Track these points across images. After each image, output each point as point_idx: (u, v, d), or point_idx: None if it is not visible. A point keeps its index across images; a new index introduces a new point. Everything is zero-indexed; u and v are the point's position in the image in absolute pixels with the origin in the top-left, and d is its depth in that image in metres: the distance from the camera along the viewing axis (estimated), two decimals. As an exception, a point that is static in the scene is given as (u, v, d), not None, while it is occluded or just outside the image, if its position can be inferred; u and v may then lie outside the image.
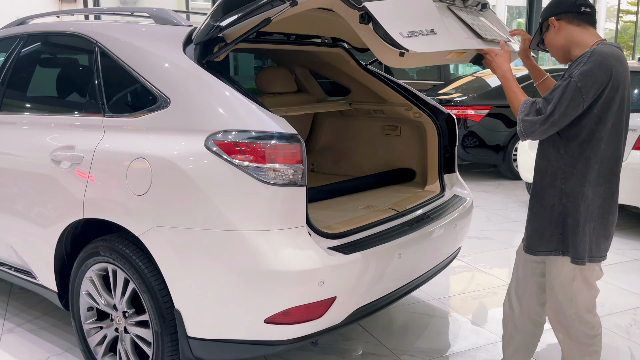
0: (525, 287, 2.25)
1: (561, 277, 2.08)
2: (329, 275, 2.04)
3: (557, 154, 2.03)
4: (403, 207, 2.66)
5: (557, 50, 2.08)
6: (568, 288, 2.07)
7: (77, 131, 2.49)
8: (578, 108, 1.91)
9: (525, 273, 2.25)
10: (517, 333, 2.32)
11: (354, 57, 3.20)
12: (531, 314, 2.27)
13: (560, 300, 2.09)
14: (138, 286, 2.22)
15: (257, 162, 1.99)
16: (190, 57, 2.25)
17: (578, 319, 2.09)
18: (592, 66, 1.88)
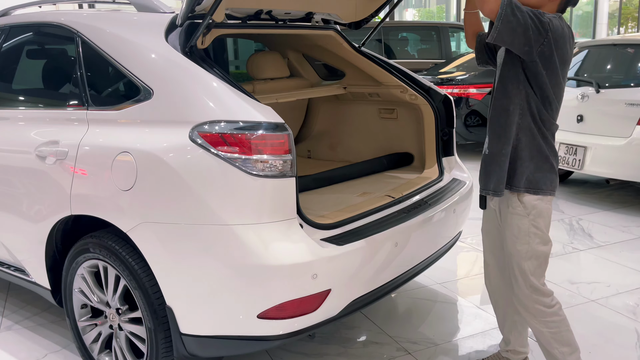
0: (501, 262, 2.27)
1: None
2: (323, 268, 1.98)
3: None
4: (400, 193, 2.59)
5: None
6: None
7: (61, 125, 2.42)
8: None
9: (497, 246, 2.28)
10: (509, 308, 2.33)
11: (346, 39, 3.10)
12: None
13: (513, 266, 2.11)
14: (129, 283, 2.17)
15: (244, 153, 1.92)
16: (172, 45, 2.17)
17: (531, 287, 2.09)
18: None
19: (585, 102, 4.89)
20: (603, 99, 4.80)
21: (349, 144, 3.44)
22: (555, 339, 2.14)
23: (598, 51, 5.31)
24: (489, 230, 2.32)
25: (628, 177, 4.68)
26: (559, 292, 3.25)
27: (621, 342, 2.73)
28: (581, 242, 4.08)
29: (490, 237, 2.33)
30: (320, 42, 3.17)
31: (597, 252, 3.90)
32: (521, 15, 1.85)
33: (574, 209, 4.89)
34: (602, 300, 3.16)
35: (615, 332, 2.81)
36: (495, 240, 2.29)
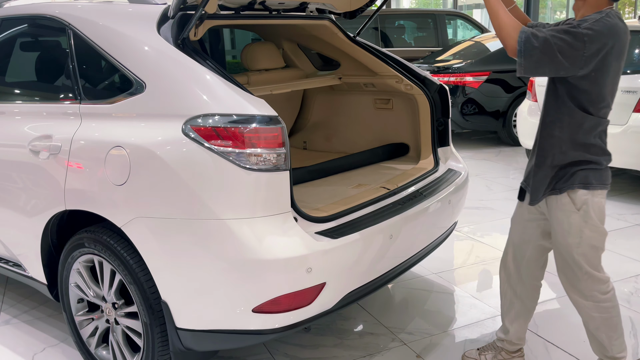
0: (523, 253, 2.27)
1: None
2: (317, 261, 1.98)
3: None
4: (395, 184, 2.58)
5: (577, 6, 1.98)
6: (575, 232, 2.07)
7: (54, 119, 2.40)
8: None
9: (524, 238, 2.26)
10: (516, 299, 2.35)
11: (341, 29, 3.08)
12: (531, 279, 2.31)
13: (567, 259, 2.10)
14: (124, 277, 2.18)
15: (237, 147, 1.91)
16: (164, 37, 2.15)
17: (587, 274, 2.10)
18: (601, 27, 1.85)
19: (582, 89, 4.87)
20: (599, 87, 4.78)
21: (345, 134, 3.43)
22: (606, 324, 2.16)
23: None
24: (517, 222, 2.30)
25: (624, 164, 4.69)
26: (553, 282, 3.27)
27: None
28: (577, 231, 4.08)
29: (516, 228, 2.30)
30: (315, 32, 3.14)
31: (593, 240, 3.90)
32: (543, 45, 1.82)
33: (570, 197, 4.89)
34: (597, 288, 3.17)
35: (609, 321, 2.83)
36: (520, 232, 2.28)
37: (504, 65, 6.81)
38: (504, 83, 6.77)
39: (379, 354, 2.59)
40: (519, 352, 2.46)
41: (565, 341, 2.66)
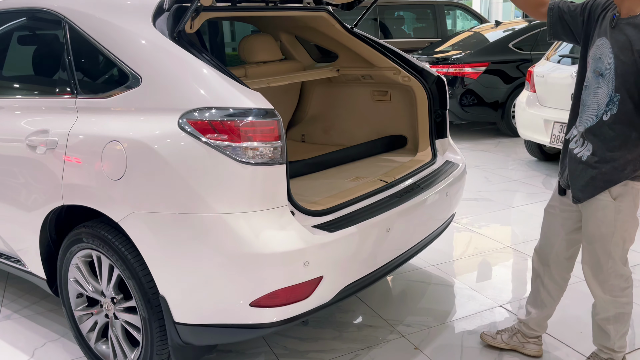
0: (552, 245, 2.29)
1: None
2: (314, 255, 1.99)
3: None
4: (392, 177, 2.58)
5: None
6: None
7: (51, 114, 2.40)
8: None
9: (554, 230, 2.27)
10: (542, 288, 2.37)
11: (339, 21, 3.06)
12: (559, 270, 2.33)
13: (599, 253, 2.10)
14: (122, 272, 2.18)
15: (233, 141, 1.91)
16: (160, 30, 2.13)
17: (614, 273, 2.10)
18: None
19: (581, 80, 4.85)
20: (599, 77, 4.76)
21: (343, 127, 3.42)
22: (617, 318, 2.17)
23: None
24: (551, 213, 2.30)
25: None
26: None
27: (614, 321, 2.75)
28: (576, 221, 4.09)
29: (547, 221, 2.32)
30: (313, 23, 3.13)
31: (592, 231, 3.90)
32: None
33: (569, 187, 4.89)
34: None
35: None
36: (553, 221, 2.28)
37: (503, 55, 6.79)
38: (503, 74, 6.75)
39: (377, 347, 2.60)
40: (536, 339, 2.47)
41: (562, 332, 2.66)
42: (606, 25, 1.95)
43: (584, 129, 2.03)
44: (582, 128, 2.03)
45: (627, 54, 1.87)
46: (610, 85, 1.92)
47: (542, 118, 5.16)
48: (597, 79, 1.97)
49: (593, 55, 1.99)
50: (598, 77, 1.96)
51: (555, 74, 5.19)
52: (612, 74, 1.91)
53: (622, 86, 1.90)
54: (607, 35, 1.94)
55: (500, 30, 7.33)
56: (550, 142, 5.07)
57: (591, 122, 1.99)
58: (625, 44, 1.88)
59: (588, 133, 2.01)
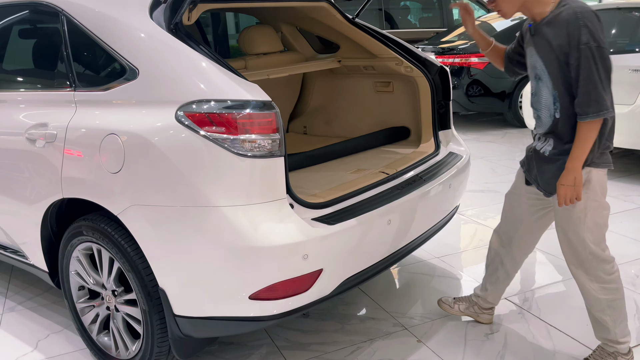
0: (516, 229, 2.38)
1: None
2: (313, 248, 1.97)
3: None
4: (394, 169, 2.55)
5: (511, 8, 2.08)
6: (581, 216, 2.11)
7: (50, 107, 2.39)
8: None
9: (518, 216, 2.36)
10: (501, 267, 2.50)
11: (340, 11, 3.03)
12: (519, 254, 2.45)
13: (574, 241, 2.14)
14: (122, 265, 2.18)
15: (231, 133, 1.89)
16: (157, 22, 2.11)
17: (595, 259, 2.13)
18: (594, 23, 1.94)
19: (589, 69, 4.78)
20: (606, 66, 4.69)
21: (345, 119, 3.39)
22: (610, 305, 2.18)
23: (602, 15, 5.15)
24: (512, 196, 2.40)
25: (631, 145, 4.62)
26: (558, 265, 3.24)
27: (619, 314, 2.72)
28: (582, 213, 4.04)
29: (510, 202, 2.41)
30: (314, 14, 3.09)
31: (598, 222, 3.85)
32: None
33: (576, 178, 4.83)
34: (601, 271, 3.14)
35: (613, 304, 2.80)
36: (515, 209, 2.37)
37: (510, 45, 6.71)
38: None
39: (379, 339, 2.59)
40: (490, 309, 2.64)
41: (568, 325, 2.64)
42: (528, 36, 2.12)
43: (543, 131, 2.14)
44: (542, 130, 2.15)
45: (549, 53, 2.01)
46: (549, 85, 2.05)
47: (549, 108, 5.09)
48: (538, 84, 2.11)
49: (530, 66, 2.14)
50: (539, 82, 2.10)
51: (563, 63, 5.12)
52: (546, 75, 2.04)
53: (555, 83, 2.02)
54: (532, 45, 2.09)
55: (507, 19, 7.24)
56: (557, 132, 5.00)
57: (548, 123, 2.10)
58: (545, 44, 2.02)
59: (548, 133, 2.12)
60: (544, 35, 2.01)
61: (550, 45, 1.98)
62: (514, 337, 2.57)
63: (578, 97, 1.94)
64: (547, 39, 2.00)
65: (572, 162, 2.00)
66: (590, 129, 1.95)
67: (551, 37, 1.98)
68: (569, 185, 2.02)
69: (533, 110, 2.18)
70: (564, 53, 1.95)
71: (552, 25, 1.99)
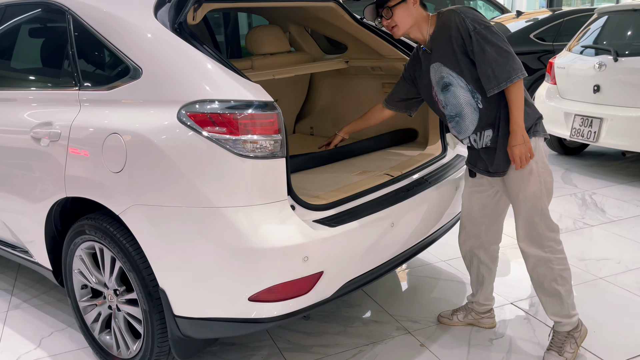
0: (482, 221, 2.45)
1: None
2: (314, 250, 1.95)
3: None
4: (399, 171, 2.52)
5: (407, 25, 2.22)
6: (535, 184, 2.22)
7: (54, 106, 2.40)
8: None
9: (479, 209, 2.44)
10: (481, 265, 2.55)
11: (348, 11, 3.00)
12: (491, 243, 2.52)
13: (531, 213, 2.24)
14: (124, 265, 2.18)
15: (232, 133, 1.88)
16: (162, 21, 2.10)
17: (547, 228, 2.24)
18: (473, 12, 2.15)
19: (603, 71, 4.71)
20: (621, 68, 4.61)
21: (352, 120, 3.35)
22: (562, 276, 2.28)
23: (618, 17, 5.09)
24: (470, 196, 2.46)
25: (642, 148, 4.53)
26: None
27: (629, 322, 2.66)
28: (593, 218, 3.98)
29: (471, 203, 2.46)
30: (321, 14, 3.07)
31: (609, 227, 3.80)
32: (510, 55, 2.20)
33: (588, 182, 4.77)
34: (610, 277, 3.08)
35: (623, 311, 2.75)
36: (475, 205, 2.44)
37: (523, 46, 6.62)
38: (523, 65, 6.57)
39: (382, 342, 2.56)
40: (489, 312, 2.64)
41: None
42: (426, 57, 2.28)
43: (473, 129, 2.24)
44: (471, 130, 2.25)
45: (452, 55, 2.17)
46: (462, 83, 2.19)
47: (562, 111, 5.02)
48: (449, 91, 2.23)
49: (435, 81, 2.28)
50: (449, 89, 2.23)
51: (578, 65, 5.05)
52: (456, 77, 2.20)
53: (467, 78, 2.17)
54: (432, 61, 2.25)
55: (522, 20, 7.14)
56: (570, 135, 4.94)
57: (474, 118, 2.22)
58: (445, 51, 2.19)
59: (479, 127, 2.23)
60: (440, 44, 2.20)
61: (451, 46, 2.16)
62: (519, 343, 2.52)
63: (495, 71, 2.07)
64: (444, 45, 2.18)
65: (515, 122, 2.12)
66: (518, 89, 2.11)
67: (446, 40, 2.17)
68: (520, 144, 2.13)
69: (450, 119, 2.29)
70: (462, 46, 2.13)
71: (442, 31, 2.19)
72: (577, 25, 6.05)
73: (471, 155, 2.37)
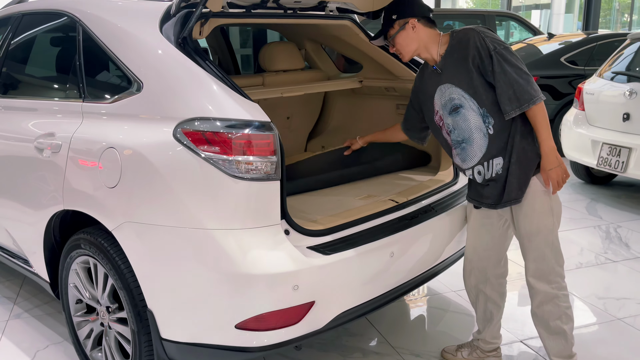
0: (488, 256, 2.33)
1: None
2: (305, 279, 1.86)
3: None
4: (405, 197, 2.42)
5: (411, 50, 2.17)
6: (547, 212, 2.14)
7: (59, 117, 2.39)
8: None
9: (486, 242, 2.31)
10: (488, 301, 2.40)
11: (363, 30, 2.93)
12: (498, 278, 2.38)
13: (542, 246, 2.14)
14: (115, 282, 2.12)
15: (225, 153, 1.81)
16: (166, 35, 2.07)
17: (556, 261, 2.15)
18: (491, 33, 2.08)
19: (634, 99, 4.52)
20: (653, 96, 4.42)
21: (365, 140, 3.27)
22: (567, 314, 2.20)
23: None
24: (476, 229, 2.34)
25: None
26: (584, 308, 3.02)
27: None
28: (616, 253, 3.78)
29: (477, 236, 2.34)
30: (336, 32, 3.01)
31: (633, 264, 3.60)
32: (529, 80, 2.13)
33: (614, 214, 4.55)
34: (629, 319, 2.90)
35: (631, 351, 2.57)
36: (482, 238, 2.32)
37: (553, 70, 6.45)
38: (552, 89, 6.41)
39: (381, 376, 2.44)
40: (495, 351, 2.49)
41: None
42: (434, 78, 2.19)
43: (480, 157, 2.13)
44: (478, 159, 2.14)
45: (466, 75, 2.07)
46: (474, 106, 2.09)
47: (589, 138, 4.84)
48: (458, 114, 2.13)
49: (441, 105, 2.18)
50: (459, 112, 2.12)
51: (608, 91, 4.87)
52: (468, 98, 2.09)
53: (480, 100, 2.08)
54: (442, 82, 2.15)
55: (555, 42, 6.98)
56: (597, 164, 4.75)
57: (483, 144, 2.11)
58: (458, 70, 2.09)
59: (487, 155, 2.12)
60: (453, 63, 2.11)
61: (466, 66, 2.06)
62: (527, 386, 2.38)
63: (517, 92, 2.00)
64: (458, 64, 2.09)
65: (546, 145, 2.05)
66: (542, 110, 2.05)
67: (461, 59, 2.07)
68: (556, 167, 2.05)
69: (456, 145, 2.19)
70: (480, 66, 2.04)
71: (456, 51, 2.10)
72: (610, 50, 5.87)
73: (474, 190, 2.26)
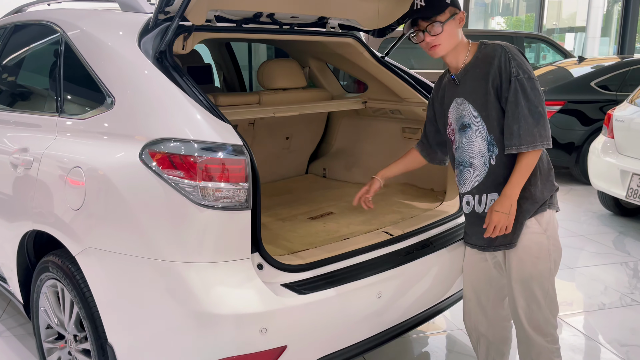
0: (487, 296, 2.14)
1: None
2: (274, 321, 1.67)
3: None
4: (401, 230, 2.21)
5: (451, 45, 1.93)
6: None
7: (34, 132, 2.27)
8: None
9: (484, 282, 2.13)
10: (490, 345, 2.20)
11: (367, 48, 2.76)
12: (500, 320, 2.19)
13: (537, 293, 1.97)
14: (79, 311, 1.97)
15: (191, 178, 1.65)
16: (144, 49, 1.93)
17: (550, 311, 1.99)
18: (521, 57, 1.90)
19: (668, 127, 4.22)
20: (689, 125, 4.11)
21: (368, 164, 3.07)
22: (558, 355, 2.04)
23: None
24: (473, 266, 2.14)
25: None
26: (605, 357, 2.73)
27: None
28: (644, 295, 3.47)
29: (474, 273, 2.14)
30: (339, 50, 2.85)
31: (662, 309, 3.28)
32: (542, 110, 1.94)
33: (643, 251, 4.22)
34: (655, 374, 2.60)
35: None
36: (479, 276, 2.13)
37: (582, 95, 6.16)
38: (581, 114, 6.10)
39: None
40: None
41: None
42: (451, 88, 2.02)
43: (475, 185, 1.97)
44: (472, 186, 1.98)
45: (482, 93, 1.91)
46: (482, 130, 1.93)
47: (619, 168, 4.53)
48: (465, 134, 1.97)
49: (454, 118, 2.01)
50: (466, 132, 1.96)
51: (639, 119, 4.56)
52: (479, 120, 1.93)
53: (491, 126, 1.91)
54: (457, 95, 1.98)
55: (586, 66, 6.67)
56: (626, 196, 4.43)
57: (481, 173, 1.96)
58: (475, 86, 1.92)
59: (482, 187, 1.97)
60: (473, 78, 1.94)
61: (485, 84, 1.90)
62: None
63: (522, 129, 1.83)
64: (477, 81, 1.92)
65: (512, 188, 1.87)
66: (535, 157, 1.87)
67: (482, 76, 1.91)
68: (504, 213, 1.87)
69: (456, 165, 2.04)
70: (498, 89, 1.88)
71: (479, 65, 1.92)
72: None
73: (467, 226, 2.09)
